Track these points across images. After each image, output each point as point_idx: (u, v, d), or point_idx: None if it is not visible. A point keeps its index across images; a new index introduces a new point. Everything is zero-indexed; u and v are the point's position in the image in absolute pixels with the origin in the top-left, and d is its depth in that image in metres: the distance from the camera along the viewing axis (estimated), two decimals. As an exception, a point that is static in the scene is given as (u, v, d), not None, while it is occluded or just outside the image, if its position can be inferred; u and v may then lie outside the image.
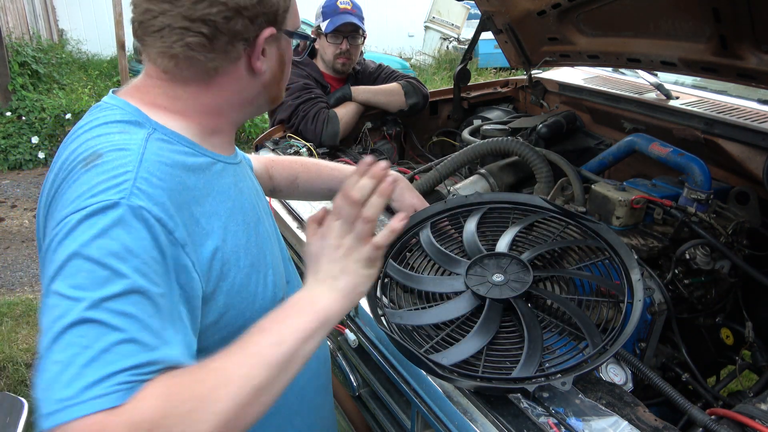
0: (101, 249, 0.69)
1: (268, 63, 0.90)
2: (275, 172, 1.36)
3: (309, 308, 0.81)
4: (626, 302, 1.10)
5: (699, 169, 1.60)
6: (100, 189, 0.72)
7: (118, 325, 0.66)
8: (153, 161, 0.78)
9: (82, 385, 0.62)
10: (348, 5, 2.36)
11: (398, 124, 2.55)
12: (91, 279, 0.67)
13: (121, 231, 0.70)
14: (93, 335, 0.65)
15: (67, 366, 0.63)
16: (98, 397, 0.62)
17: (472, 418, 1.01)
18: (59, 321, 0.65)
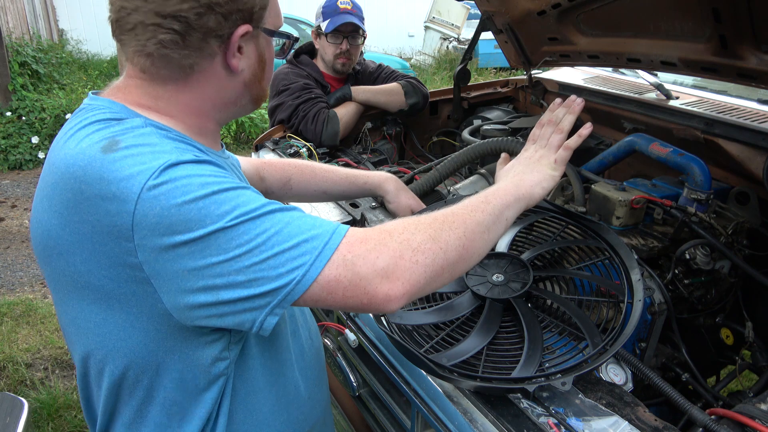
0: (203, 185, 0.75)
1: (246, 61, 0.90)
2: (267, 174, 1.35)
3: (503, 188, 1.00)
4: (626, 302, 1.10)
5: (699, 169, 1.60)
6: (153, 154, 0.75)
7: None
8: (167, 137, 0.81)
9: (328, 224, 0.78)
10: (348, 5, 2.36)
11: (398, 124, 2.55)
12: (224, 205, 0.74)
13: (195, 168, 0.76)
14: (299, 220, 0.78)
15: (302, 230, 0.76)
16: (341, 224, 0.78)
17: (472, 418, 1.01)
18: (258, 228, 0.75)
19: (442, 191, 1.98)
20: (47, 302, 3.64)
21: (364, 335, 1.36)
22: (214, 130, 0.97)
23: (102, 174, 0.74)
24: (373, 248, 0.77)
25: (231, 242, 0.73)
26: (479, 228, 0.88)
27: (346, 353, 1.50)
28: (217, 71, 0.88)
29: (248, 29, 0.86)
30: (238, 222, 0.73)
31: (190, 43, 0.83)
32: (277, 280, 0.74)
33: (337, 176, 1.42)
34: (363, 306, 0.77)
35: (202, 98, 0.90)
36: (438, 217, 0.85)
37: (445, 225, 0.84)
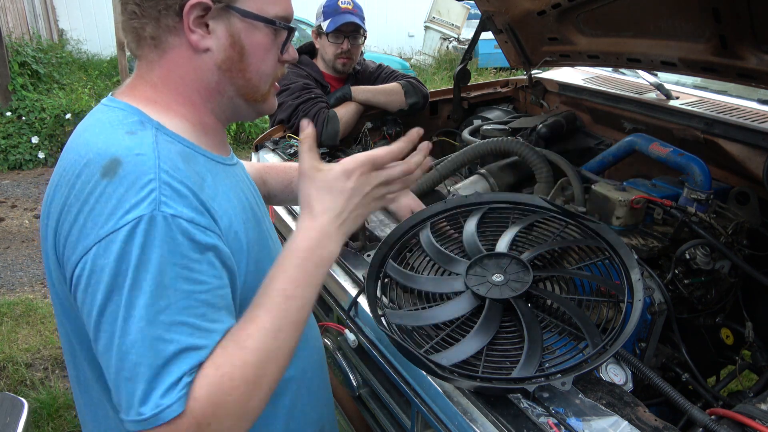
0: (147, 266, 0.73)
1: (216, 42, 0.87)
2: (269, 177, 1.35)
3: (326, 261, 0.87)
4: (626, 302, 1.10)
5: (699, 169, 1.60)
6: (131, 204, 0.74)
7: (172, 337, 0.73)
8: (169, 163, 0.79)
9: (156, 399, 0.71)
10: (349, 5, 2.36)
11: (398, 124, 2.55)
12: (142, 295, 0.73)
13: (159, 246, 0.74)
14: (153, 350, 0.72)
15: (132, 379, 0.72)
16: (168, 407, 0.71)
17: (472, 418, 1.01)
18: (117, 339, 0.72)
19: (442, 191, 1.98)
20: (47, 302, 3.64)
21: (364, 335, 1.36)
22: (215, 128, 0.96)
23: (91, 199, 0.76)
24: None
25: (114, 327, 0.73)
26: (288, 356, 0.83)
27: (346, 353, 1.50)
28: (185, 48, 0.87)
29: (202, 2, 0.83)
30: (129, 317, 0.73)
31: (146, 12, 0.84)
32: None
33: None
34: None
35: (183, 81, 0.89)
36: (249, 374, 0.77)
37: (257, 386, 0.78)
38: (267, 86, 0.95)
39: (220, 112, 0.95)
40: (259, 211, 1.00)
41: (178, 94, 0.89)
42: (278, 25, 0.90)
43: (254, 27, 0.88)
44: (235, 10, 0.86)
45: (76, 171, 0.80)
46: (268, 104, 0.98)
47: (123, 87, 0.92)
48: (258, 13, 0.87)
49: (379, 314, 1.16)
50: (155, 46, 0.87)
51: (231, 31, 0.87)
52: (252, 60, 0.90)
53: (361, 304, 1.33)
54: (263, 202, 1.10)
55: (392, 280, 1.27)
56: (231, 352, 0.76)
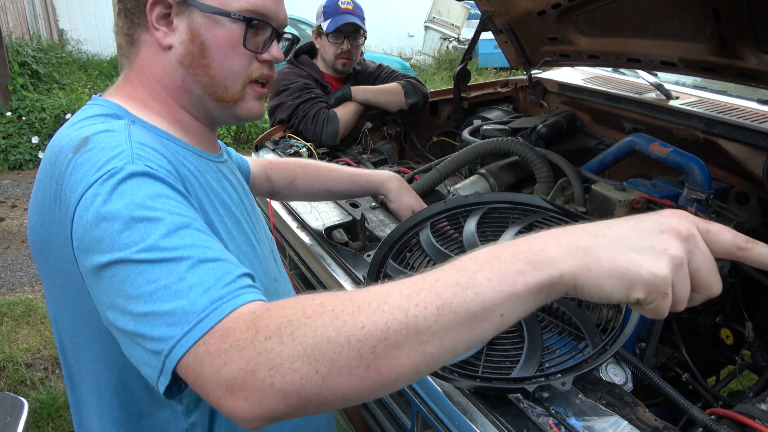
0: (130, 206, 0.68)
1: (178, 38, 0.86)
2: (273, 174, 1.36)
3: (531, 255, 0.59)
4: (626, 302, 1.09)
5: (699, 169, 1.60)
6: (102, 162, 0.72)
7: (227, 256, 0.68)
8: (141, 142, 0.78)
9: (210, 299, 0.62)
10: (349, 5, 2.36)
11: (398, 124, 2.55)
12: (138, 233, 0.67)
13: (137, 183, 0.71)
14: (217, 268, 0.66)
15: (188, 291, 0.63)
16: (241, 291, 0.63)
17: (472, 418, 1.01)
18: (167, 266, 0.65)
19: (442, 191, 1.98)
20: (47, 302, 3.64)
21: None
22: (195, 127, 0.94)
23: (65, 174, 0.75)
24: (226, 350, 0.58)
25: (129, 280, 0.65)
26: (411, 337, 0.54)
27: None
28: (153, 46, 0.88)
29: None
30: (139, 260, 0.65)
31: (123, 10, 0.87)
32: (155, 343, 0.63)
33: (341, 175, 1.42)
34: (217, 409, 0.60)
35: (153, 78, 0.89)
36: (345, 308, 0.56)
37: (344, 327, 0.55)
38: (238, 86, 0.90)
39: (193, 111, 0.93)
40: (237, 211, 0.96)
41: (151, 91, 0.90)
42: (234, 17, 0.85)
43: (216, 22, 0.85)
44: (194, 5, 0.84)
45: (51, 161, 0.79)
46: (244, 107, 0.92)
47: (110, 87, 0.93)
48: (218, 7, 0.84)
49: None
50: (131, 43, 0.89)
51: (191, 26, 0.85)
52: (215, 56, 0.87)
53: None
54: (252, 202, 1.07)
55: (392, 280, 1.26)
56: (342, 292, 0.60)
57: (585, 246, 0.57)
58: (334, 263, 1.49)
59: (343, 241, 1.59)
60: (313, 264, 1.58)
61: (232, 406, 0.57)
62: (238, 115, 0.93)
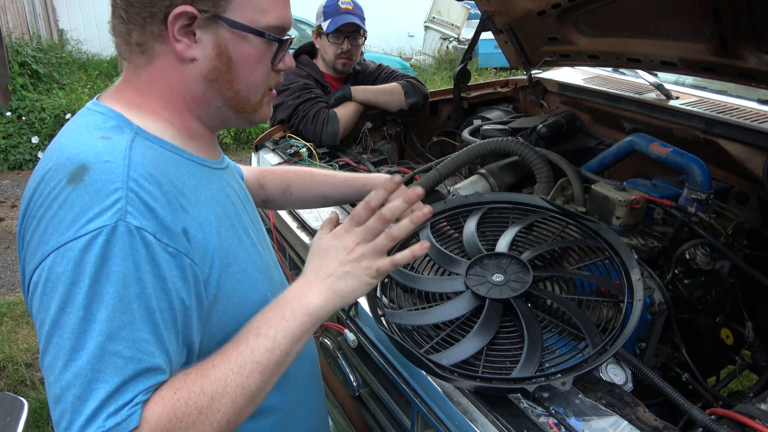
0: (108, 278, 0.70)
1: (201, 51, 0.84)
2: (267, 181, 1.33)
3: (303, 309, 0.83)
4: (626, 302, 1.10)
5: (699, 169, 1.60)
6: (95, 213, 0.72)
7: (135, 355, 0.71)
8: (140, 171, 0.76)
9: (105, 415, 0.68)
10: (349, 5, 2.36)
11: (398, 124, 2.55)
12: (104, 308, 0.70)
13: (120, 258, 0.71)
14: (112, 366, 0.69)
15: (83, 397, 0.68)
16: (119, 424, 0.68)
17: (472, 418, 1.01)
18: (67, 353, 0.69)
19: (442, 191, 1.98)
20: (47, 302, 3.64)
21: (364, 335, 1.36)
22: (204, 134, 0.93)
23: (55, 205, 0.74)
24: None
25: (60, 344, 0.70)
26: (250, 400, 0.78)
27: (346, 353, 1.50)
28: (171, 57, 0.84)
29: (187, 11, 0.80)
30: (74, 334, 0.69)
31: (132, 18, 0.82)
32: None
33: (336, 180, 1.40)
34: None
35: (168, 88, 0.87)
36: (203, 403, 0.73)
37: (209, 418, 0.73)
38: (258, 97, 0.92)
39: (207, 120, 0.92)
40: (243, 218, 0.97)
41: (163, 101, 0.87)
42: (269, 37, 0.86)
43: (243, 38, 0.85)
44: (223, 21, 0.82)
45: (41, 174, 0.78)
46: (261, 114, 0.94)
47: (110, 90, 0.90)
48: (248, 24, 0.84)
49: (379, 314, 1.16)
50: (141, 52, 0.85)
51: (218, 41, 0.84)
52: (241, 72, 0.87)
53: (361, 304, 1.33)
54: (253, 208, 1.07)
55: (392, 280, 1.27)
56: (192, 378, 0.75)
57: (335, 291, 0.85)
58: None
59: (343, 241, 1.59)
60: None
61: None
62: (254, 121, 0.95)
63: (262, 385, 0.79)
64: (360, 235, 0.86)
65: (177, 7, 0.80)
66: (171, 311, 0.76)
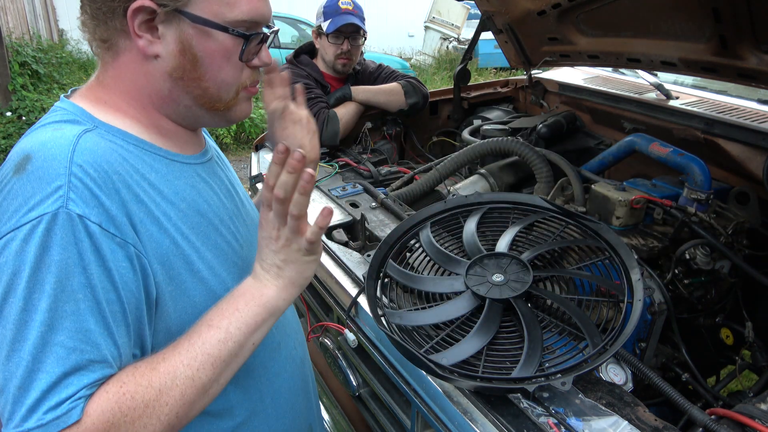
0: (49, 267, 0.69)
1: (165, 48, 0.80)
2: None
3: (257, 300, 0.82)
4: (626, 302, 1.10)
5: (699, 169, 1.60)
6: (36, 201, 0.70)
7: (77, 346, 0.69)
8: (85, 158, 0.74)
9: (45, 408, 0.66)
10: (349, 6, 2.36)
11: (398, 124, 2.55)
12: (45, 297, 0.69)
13: (61, 247, 0.70)
14: (55, 357, 0.68)
15: (24, 388, 0.67)
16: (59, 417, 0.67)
17: (472, 418, 1.01)
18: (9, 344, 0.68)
19: (442, 191, 1.98)
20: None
21: (364, 335, 1.36)
22: (174, 131, 0.90)
23: (0, 201, 0.73)
24: None
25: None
26: (201, 392, 0.76)
27: (346, 353, 1.50)
28: (135, 53, 0.82)
29: (146, 5, 0.77)
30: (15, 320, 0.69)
31: (95, 12, 0.80)
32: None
33: None
34: None
35: (134, 86, 0.84)
36: (150, 397, 0.72)
37: (156, 411, 0.72)
38: (230, 95, 0.87)
39: (178, 118, 0.89)
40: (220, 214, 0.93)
41: (129, 98, 0.85)
42: (233, 32, 0.81)
43: (207, 34, 0.80)
44: (185, 15, 0.79)
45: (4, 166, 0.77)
46: (237, 111, 0.91)
47: (82, 87, 0.89)
48: (212, 19, 0.80)
49: (379, 314, 1.16)
50: (107, 48, 0.83)
51: (181, 37, 0.80)
52: (208, 69, 0.83)
53: (361, 304, 1.33)
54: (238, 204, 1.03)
55: (392, 280, 1.27)
56: (141, 372, 0.73)
57: (284, 279, 0.85)
58: (334, 263, 1.49)
59: (343, 241, 1.59)
60: (313, 264, 1.58)
61: None
62: (230, 119, 0.92)
63: (214, 377, 0.77)
64: (275, 221, 0.84)
65: (135, 1, 0.77)
66: (119, 303, 0.74)
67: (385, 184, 2.05)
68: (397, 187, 1.98)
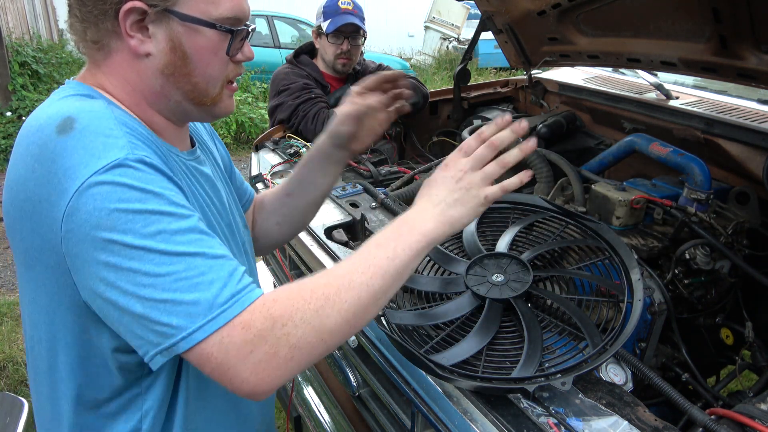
0: (143, 198, 0.73)
1: (156, 46, 0.84)
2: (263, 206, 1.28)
3: (419, 229, 0.86)
4: (626, 302, 1.10)
5: (699, 169, 1.60)
6: (101, 149, 0.74)
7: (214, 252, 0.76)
8: (127, 126, 0.80)
9: (230, 293, 0.73)
10: (349, 5, 2.36)
11: (398, 124, 2.55)
12: (154, 225, 0.73)
13: (144, 175, 0.75)
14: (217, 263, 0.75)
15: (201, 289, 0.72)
16: (251, 287, 0.75)
17: (472, 418, 1.01)
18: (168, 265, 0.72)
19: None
20: (47, 302, 3.64)
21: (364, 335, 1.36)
22: (166, 126, 0.93)
23: (54, 156, 0.74)
24: (251, 340, 0.72)
25: (143, 265, 0.72)
26: (374, 299, 0.81)
27: (346, 353, 1.50)
28: (126, 52, 0.85)
29: (137, 6, 0.81)
30: (155, 250, 0.72)
31: (85, 15, 0.83)
32: (166, 328, 0.72)
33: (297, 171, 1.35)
34: (227, 387, 0.75)
35: (127, 83, 0.87)
36: (330, 292, 0.78)
37: (336, 305, 0.77)
38: (217, 89, 0.91)
39: (169, 114, 0.93)
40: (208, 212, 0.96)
41: (123, 95, 0.88)
42: (221, 29, 0.86)
43: (196, 31, 0.85)
44: (174, 14, 0.83)
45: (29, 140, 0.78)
46: (222, 106, 0.94)
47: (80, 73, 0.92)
48: (200, 17, 0.84)
49: (379, 314, 1.16)
50: (98, 49, 0.86)
51: (171, 35, 0.84)
52: (197, 65, 0.87)
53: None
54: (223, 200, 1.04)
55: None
56: (316, 276, 0.80)
57: (446, 216, 0.88)
58: (334, 263, 1.49)
59: (343, 241, 1.59)
60: (313, 264, 1.58)
61: (255, 384, 0.73)
62: (216, 114, 0.95)
63: (385, 288, 0.82)
64: (468, 163, 0.89)
65: (127, 2, 0.80)
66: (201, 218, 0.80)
67: (385, 184, 2.05)
68: (397, 187, 1.98)
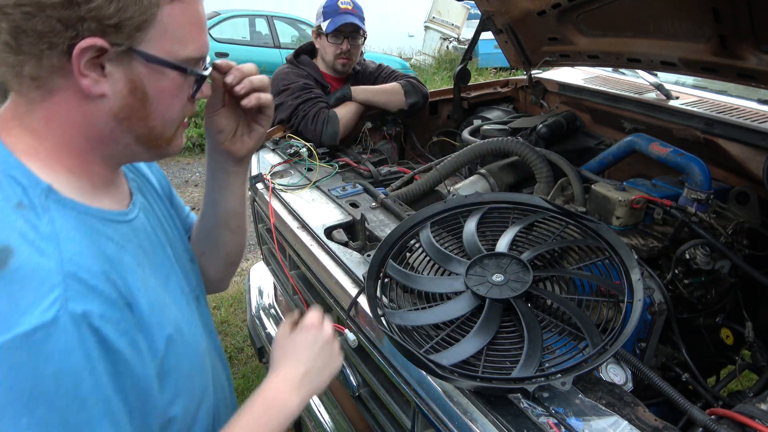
0: (47, 382, 0.63)
1: (112, 87, 0.73)
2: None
3: (285, 411, 0.90)
4: (626, 302, 1.10)
5: (699, 169, 1.60)
6: (29, 303, 0.63)
7: None
8: (72, 248, 0.69)
9: None
10: (349, 5, 2.36)
11: (398, 124, 2.55)
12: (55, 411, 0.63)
13: (69, 350, 0.64)
14: None
15: None
16: None
17: (472, 418, 1.01)
18: None
19: (442, 191, 1.98)
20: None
21: (364, 335, 1.36)
22: (106, 176, 0.82)
23: None
24: None
25: None
26: None
27: (346, 353, 1.50)
28: (73, 92, 0.73)
29: (97, 44, 0.69)
30: None
31: (24, 46, 0.69)
32: None
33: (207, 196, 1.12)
34: None
35: (70, 127, 0.75)
36: None
37: None
38: (173, 131, 0.83)
39: (112, 159, 0.83)
40: (168, 266, 0.90)
41: (63, 143, 0.76)
42: (190, 72, 0.79)
43: (161, 72, 0.76)
44: (138, 54, 0.73)
45: None
46: (174, 145, 0.85)
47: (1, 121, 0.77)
48: (165, 58, 0.75)
49: (379, 314, 1.16)
50: (37, 86, 0.73)
51: (132, 76, 0.74)
52: (157, 107, 0.78)
53: (361, 304, 1.33)
54: (174, 250, 0.96)
55: (392, 280, 1.27)
56: None
57: (307, 389, 0.94)
58: (334, 263, 1.49)
59: (343, 241, 1.59)
60: (313, 264, 1.58)
61: None
62: (167, 154, 0.86)
63: None
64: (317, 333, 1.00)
65: (85, 39, 0.69)
66: (128, 395, 0.70)
67: (385, 184, 2.05)
68: (397, 187, 1.98)
